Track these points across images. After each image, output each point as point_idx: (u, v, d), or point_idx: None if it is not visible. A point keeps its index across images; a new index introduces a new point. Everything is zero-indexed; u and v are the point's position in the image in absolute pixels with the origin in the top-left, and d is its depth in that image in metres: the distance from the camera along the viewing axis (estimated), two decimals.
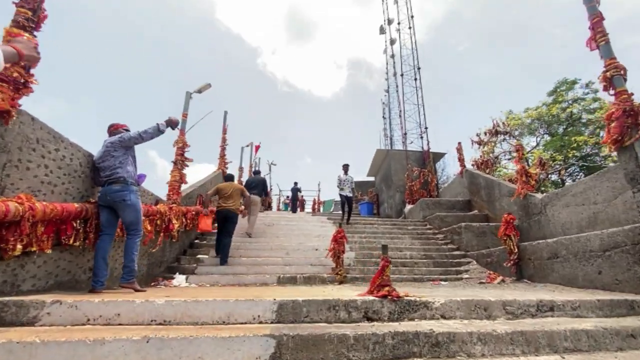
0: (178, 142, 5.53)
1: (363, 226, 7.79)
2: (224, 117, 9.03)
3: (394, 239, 6.94)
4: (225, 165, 8.67)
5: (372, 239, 6.86)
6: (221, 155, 8.68)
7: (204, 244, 6.03)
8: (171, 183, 5.19)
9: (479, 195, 8.13)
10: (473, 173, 8.49)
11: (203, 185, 6.80)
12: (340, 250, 4.96)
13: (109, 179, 2.81)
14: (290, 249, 5.99)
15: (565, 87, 13.22)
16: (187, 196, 5.80)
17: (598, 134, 11.37)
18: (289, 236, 6.73)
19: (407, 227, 7.92)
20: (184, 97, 5.82)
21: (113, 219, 2.84)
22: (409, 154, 13.30)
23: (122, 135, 2.93)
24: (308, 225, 7.59)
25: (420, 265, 5.62)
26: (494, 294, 2.92)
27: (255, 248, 5.97)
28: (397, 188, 12.90)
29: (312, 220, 8.08)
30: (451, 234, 6.81)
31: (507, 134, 10.04)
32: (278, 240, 6.45)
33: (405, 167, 13.00)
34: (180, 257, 5.32)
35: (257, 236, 6.68)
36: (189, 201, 5.91)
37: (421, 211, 8.69)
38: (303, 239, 6.54)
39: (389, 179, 13.43)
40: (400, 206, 12.64)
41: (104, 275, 2.66)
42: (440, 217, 7.63)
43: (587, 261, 3.47)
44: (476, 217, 7.64)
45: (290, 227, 7.34)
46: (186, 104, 5.76)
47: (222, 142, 8.80)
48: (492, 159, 10.81)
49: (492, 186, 7.45)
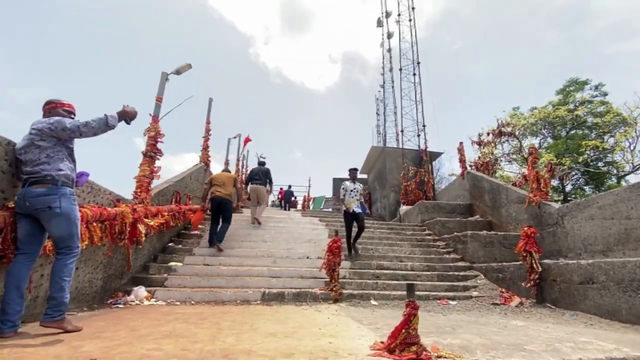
0: (150, 129, 4.72)
1: None
2: (209, 105, 8.20)
3: (392, 245, 6.33)
4: (208, 157, 7.86)
5: (368, 245, 6.23)
6: (204, 147, 7.86)
7: (179, 249, 5.27)
8: (139, 178, 4.40)
9: (482, 199, 7.60)
10: (476, 176, 7.95)
11: (182, 180, 6.01)
12: (336, 263, 4.31)
13: (30, 177, 2.05)
14: (278, 256, 5.30)
15: (574, 88, 12.83)
16: (159, 194, 5.02)
17: (604, 138, 11.08)
18: (276, 240, 6.03)
19: (405, 232, 7.33)
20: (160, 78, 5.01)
21: (36, 232, 2.08)
22: (405, 152, 12.73)
23: (54, 122, 2.13)
24: (298, 228, 6.90)
25: (423, 278, 5.02)
26: (535, 331, 2.31)
27: (238, 255, 5.25)
28: (392, 187, 12.33)
29: (303, 222, 7.40)
30: (454, 242, 6.24)
31: (511, 135, 9.56)
32: (264, 245, 5.74)
33: (401, 166, 12.43)
34: (149, 265, 4.55)
35: (241, 240, 5.96)
36: (162, 199, 5.13)
37: (419, 214, 8.12)
38: (292, 244, 5.85)
39: (384, 178, 12.84)
40: (394, 206, 12.08)
41: (17, 313, 1.91)
42: (442, 223, 7.07)
43: (635, 292, 2.90)
44: (479, 223, 7.11)
45: (278, 230, 6.64)
46: (161, 86, 4.95)
47: (206, 133, 7.98)
48: (493, 160, 10.33)
49: (498, 191, 6.91)
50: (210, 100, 8.22)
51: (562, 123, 12.31)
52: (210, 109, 8.17)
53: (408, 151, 12.85)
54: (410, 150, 12.94)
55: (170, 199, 5.43)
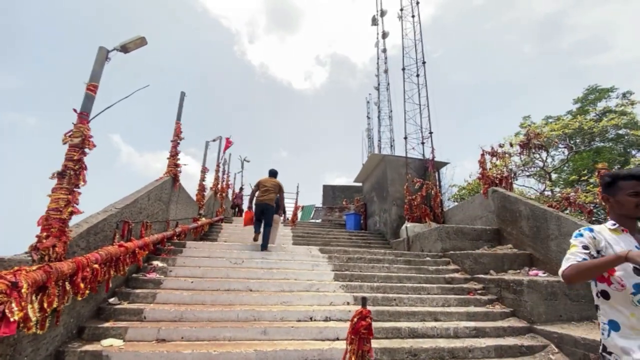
0: (74, 134, 3.02)
1: (369, 264, 5.63)
2: (180, 101, 6.47)
3: (418, 291, 4.85)
4: (177, 168, 6.13)
5: (389, 291, 4.73)
6: (172, 154, 6.12)
7: (123, 310, 3.55)
8: (48, 214, 2.70)
9: (517, 226, 6.26)
10: (508, 196, 6.61)
11: (133, 204, 4.29)
12: (366, 351, 2.76)
13: None
14: (269, 318, 3.71)
15: (595, 96, 11.84)
16: (91, 231, 3.31)
17: (631, 152, 10.10)
18: (265, 287, 4.42)
19: (426, 266, 5.87)
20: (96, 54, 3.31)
21: None
22: (409, 161, 11.38)
23: None
24: (293, 263, 5.30)
25: (477, 354, 3.55)
26: None
27: (211, 318, 3.60)
28: (394, 201, 10.93)
29: (299, 253, 5.79)
30: (498, 287, 4.84)
31: (542, 147, 8.39)
32: (249, 297, 4.11)
33: (404, 177, 11.06)
34: (64, 350, 2.84)
35: (217, 288, 4.31)
36: (97, 239, 3.42)
37: (439, 241, 6.70)
38: (288, 295, 4.25)
39: (384, 189, 11.43)
40: (397, 222, 10.69)
41: None
42: (474, 258, 5.66)
43: None
44: (518, 258, 5.75)
45: (267, 267, 5.02)
46: (96, 68, 3.26)
47: (175, 136, 6.24)
48: (511, 174, 9.10)
49: (544, 218, 5.57)
50: (182, 95, 6.49)
51: (582, 134, 11.29)
52: (182, 105, 6.45)
53: (411, 160, 11.50)
54: (413, 159, 11.59)
55: (112, 235, 3.71)
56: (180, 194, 6.53)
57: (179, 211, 6.64)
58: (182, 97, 6.48)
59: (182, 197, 6.70)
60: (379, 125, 20.90)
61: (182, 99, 6.47)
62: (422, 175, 11.26)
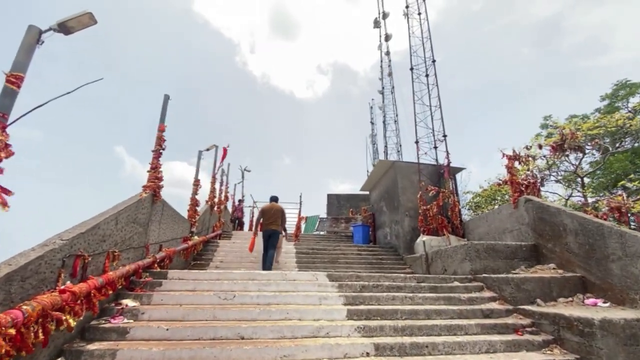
0: None
1: (388, 294, 4.65)
2: (164, 103, 5.63)
3: (454, 331, 3.87)
4: (159, 180, 5.24)
5: (417, 333, 3.76)
6: (153, 166, 5.24)
7: None
8: None
9: (560, 242, 5.28)
10: (548, 207, 5.63)
11: (91, 230, 3.38)
12: None
13: None
14: None
15: (626, 92, 10.91)
16: (14, 277, 2.40)
17: None
18: (260, 336, 3.47)
19: (456, 294, 4.88)
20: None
21: None
22: (421, 167, 10.44)
23: None
24: (296, 297, 4.34)
25: None
26: None
27: None
28: (407, 211, 9.96)
29: (302, 283, 4.82)
30: (555, 326, 3.85)
31: (579, 148, 7.43)
32: (238, 353, 3.14)
33: (417, 185, 10.11)
34: None
35: (200, 335, 3.37)
36: (25, 285, 2.50)
37: (467, 261, 5.71)
38: (289, 347, 3.27)
39: (394, 199, 10.47)
40: (410, 235, 9.69)
41: None
42: (516, 283, 4.68)
43: None
44: (569, 282, 4.76)
45: (263, 308, 4.07)
46: (21, 53, 2.39)
47: (157, 145, 5.37)
48: (539, 180, 8.12)
49: (598, 234, 4.59)
50: (165, 98, 5.64)
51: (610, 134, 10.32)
52: (165, 108, 5.60)
53: (424, 166, 10.56)
54: (426, 165, 10.66)
55: (55, 277, 2.80)
56: (164, 212, 5.63)
57: (164, 232, 5.74)
58: (166, 100, 5.63)
59: (167, 216, 5.80)
60: (385, 130, 20.02)
61: (166, 102, 5.62)
62: (437, 183, 10.31)
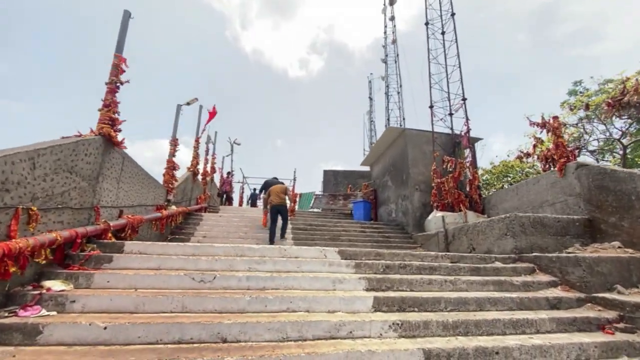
0: None
1: (420, 277, 3.51)
2: (123, 22, 4.18)
3: (522, 328, 2.77)
4: (115, 123, 3.89)
5: (475, 331, 2.64)
6: (106, 103, 3.86)
7: None
8: None
9: (631, 215, 4.20)
10: (615, 172, 4.52)
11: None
12: None
13: None
14: None
15: None
16: None
17: None
18: (250, 338, 2.29)
19: (507, 278, 3.78)
20: None
21: None
22: (435, 136, 9.24)
23: None
24: (301, 281, 3.15)
25: None
26: None
27: None
28: (417, 185, 8.83)
29: (307, 261, 3.63)
30: None
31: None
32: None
33: (430, 156, 8.94)
34: None
35: (155, 342, 2.16)
36: None
37: (509, 237, 4.61)
38: (299, 358, 2.12)
39: (403, 172, 9.31)
40: (420, 211, 8.61)
41: None
42: (588, 264, 3.59)
43: None
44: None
45: (256, 294, 2.89)
46: None
47: (113, 75, 3.97)
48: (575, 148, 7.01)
49: None
50: (125, 15, 4.20)
51: None
52: (125, 28, 4.17)
53: (438, 135, 9.37)
54: (440, 134, 9.47)
55: None
56: (125, 168, 4.31)
57: (128, 194, 4.44)
58: (126, 18, 4.19)
59: (130, 174, 4.48)
60: (387, 101, 18.62)
61: (127, 20, 4.18)
62: (451, 153, 9.17)
